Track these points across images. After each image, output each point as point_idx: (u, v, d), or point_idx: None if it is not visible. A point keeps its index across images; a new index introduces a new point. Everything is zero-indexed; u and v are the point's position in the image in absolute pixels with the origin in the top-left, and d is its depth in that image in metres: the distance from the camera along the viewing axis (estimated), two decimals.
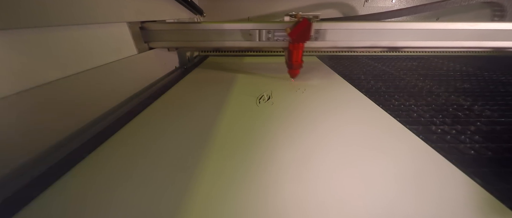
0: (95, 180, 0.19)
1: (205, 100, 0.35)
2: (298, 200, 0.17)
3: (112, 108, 0.31)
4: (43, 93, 0.22)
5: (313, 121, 0.28)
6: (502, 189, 0.18)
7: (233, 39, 0.43)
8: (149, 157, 0.22)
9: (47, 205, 0.17)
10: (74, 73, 0.25)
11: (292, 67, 0.43)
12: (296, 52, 0.41)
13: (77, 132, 0.25)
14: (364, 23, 0.42)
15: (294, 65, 0.42)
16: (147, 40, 0.42)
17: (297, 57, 0.41)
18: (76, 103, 0.26)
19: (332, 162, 0.21)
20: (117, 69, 0.33)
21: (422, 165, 0.20)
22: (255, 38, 0.43)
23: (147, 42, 0.42)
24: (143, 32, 0.41)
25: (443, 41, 0.42)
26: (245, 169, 0.20)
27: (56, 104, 0.23)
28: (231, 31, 0.42)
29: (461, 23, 0.41)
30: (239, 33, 0.42)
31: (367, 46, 0.43)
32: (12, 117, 0.19)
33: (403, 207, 0.16)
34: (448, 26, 0.41)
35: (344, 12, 0.86)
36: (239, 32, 0.42)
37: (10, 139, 0.19)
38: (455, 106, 0.34)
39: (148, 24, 0.41)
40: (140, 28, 0.40)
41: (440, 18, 0.88)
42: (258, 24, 0.42)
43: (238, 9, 0.86)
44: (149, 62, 0.43)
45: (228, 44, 0.43)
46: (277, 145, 0.23)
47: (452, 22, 0.41)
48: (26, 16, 0.20)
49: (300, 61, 0.42)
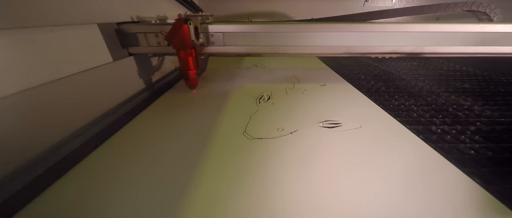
0: (93, 181, 0.19)
1: (204, 102, 0.35)
2: (298, 200, 0.17)
3: (78, 129, 0.25)
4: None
5: (313, 121, 0.28)
6: (502, 189, 0.18)
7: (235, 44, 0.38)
8: (148, 157, 0.22)
9: (47, 205, 0.17)
10: (21, 90, 0.19)
11: (188, 78, 0.36)
12: (185, 59, 0.34)
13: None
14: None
15: (189, 76, 0.36)
16: (125, 45, 0.34)
17: (188, 65, 0.34)
18: (32, 125, 0.20)
19: (332, 162, 0.21)
20: (84, 81, 0.26)
21: (422, 165, 0.20)
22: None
23: (126, 47, 0.35)
24: (120, 35, 0.33)
25: (453, 46, 0.37)
26: (245, 169, 0.20)
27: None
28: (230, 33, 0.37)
29: (469, 25, 0.36)
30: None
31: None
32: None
33: (403, 207, 0.16)
34: (456, 28, 0.36)
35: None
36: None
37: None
38: (455, 106, 0.34)
39: (126, 25, 0.33)
40: (115, 31, 0.33)
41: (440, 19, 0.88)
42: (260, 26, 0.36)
43: (239, 9, 0.86)
44: (128, 71, 0.36)
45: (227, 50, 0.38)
46: (277, 146, 0.23)
47: (454, 24, 0.36)
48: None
49: (192, 69, 0.35)
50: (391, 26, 0.36)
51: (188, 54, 0.34)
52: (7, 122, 0.18)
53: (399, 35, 0.36)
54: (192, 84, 0.38)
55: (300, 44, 0.37)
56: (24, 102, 0.19)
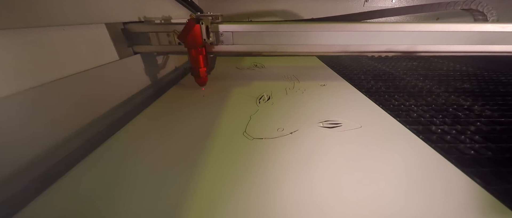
0: (93, 182, 0.19)
1: (204, 102, 0.35)
2: (298, 200, 0.17)
3: (94, 119, 0.27)
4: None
5: (313, 121, 0.28)
6: (502, 189, 0.18)
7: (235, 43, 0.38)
8: (148, 157, 0.22)
9: (47, 205, 0.17)
10: (34, 86, 0.20)
11: (198, 76, 0.38)
12: (196, 58, 0.35)
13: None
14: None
15: (199, 73, 0.37)
16: (131, 44, 0.36)
17: (198, 63, 0.36)
18: (41, 120, 0.21)
19: (332, 162, 0.21)
20: (93, 78, 0.27)
21: (422, 165, 0.20)
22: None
23: (131, 46, 0.36)
24: (126, 34, 0.35)
25: (452, 45, 0.40)
26: (246, 169, 0.20)
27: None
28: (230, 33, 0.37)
29: (467, 24, 0.38)
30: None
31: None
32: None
33: (403, 207, 0.16)
34: (450, 27, 0.38)
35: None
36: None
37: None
38: (455, 106, 0.34)
39: (132, 25, 0.35)
40: (122, 30, 0.34)
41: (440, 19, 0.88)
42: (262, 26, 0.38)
43: (238, 9, 0.86)
44: (133, 69, 0.37)
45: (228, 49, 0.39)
46: (277, 146, 0.23)
47: (455, 23, 0.38)
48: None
49: (202, 67, 0.37)
50: (385, 26, 0.37)
51: (199, 53, 0.35)
52: (24, 115, 0.20)
53: (393, 34, 0.38)
54: (202, 82, 0.39)
55: (304, 43, 0.38)
56: (37, 98, 0.21)
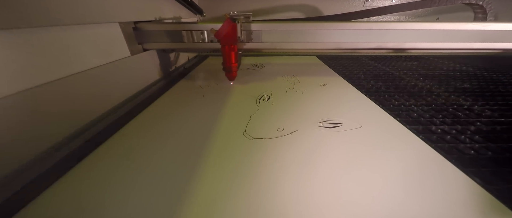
0: (92, 182, 0.19)
1: (204, 102, 0.35)
2: (298, 200, 0.17)
3: (103, 113, 0.30)
4: (27, 99, 0.20)
5: (313, 121, 0.28)
6: (502, 189, 0.18)
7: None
8: (148, 157, 0.22)
9: (47, 206, 0.17)
10: (59, 78, 0.23)
11: (230, 71, 0.41)
12: (228, 54, 0.39)
13: (68, 137, 0.24)
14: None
15: (231, 69, 0.41)
16: (141, 42, 0.40)
17: (231, 59, 0.39)
18: (63, 109, 0.24)
19: (332, 162, 0.21)
20: (108, 72, 0.31)
21: (422, 165, 0.20)
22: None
23: (141, 43, 0.40)
24: (136, 32, 0.39)
25: (448, 42, 0.43)
26: (245, 169, 0.20)
27: (41, 111, 0.21)
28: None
29: (467, 23, 0.40)
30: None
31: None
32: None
33: (403, 207, 0.16)
34: (450, 26, 0.41)
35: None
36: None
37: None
38: (455, 106, 0.34)
39: (142, 24, 0.39)
40: (133, 29, 0.38)
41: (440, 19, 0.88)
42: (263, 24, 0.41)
43: (238, 9, 0.86)
44: (143, 64, 0.41)
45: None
46: (277, 146, 0.23)
47: (456, 23, 0.41)
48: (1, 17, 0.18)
49: (234, 63, 0.40)
50: (375, 25, 0.42)
51: (231, 49, 0.38)
52: (45, 105, 0.22)
53: (382, 33, 0.42)
54: (232, 77, 0.43)
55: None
56: (57, 90, 0.23)
